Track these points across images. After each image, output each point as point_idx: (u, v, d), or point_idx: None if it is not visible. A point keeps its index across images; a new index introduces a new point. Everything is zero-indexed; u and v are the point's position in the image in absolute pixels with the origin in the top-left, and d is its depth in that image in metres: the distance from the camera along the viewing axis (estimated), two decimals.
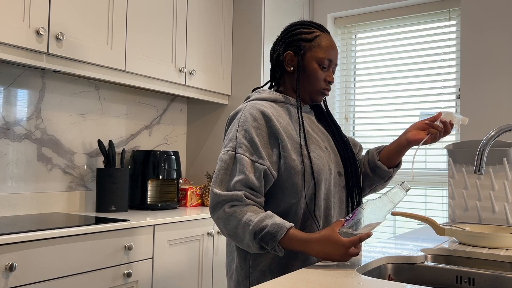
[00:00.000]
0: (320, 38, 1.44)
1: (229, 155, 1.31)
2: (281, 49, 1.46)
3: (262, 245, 1.23)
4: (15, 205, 2.25)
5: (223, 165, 1.31)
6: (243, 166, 1.28)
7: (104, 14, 2.27)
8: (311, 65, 1.42)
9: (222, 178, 1.30)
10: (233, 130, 1.36)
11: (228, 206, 1.26)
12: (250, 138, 1.31)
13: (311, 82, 1.43)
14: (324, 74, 1.43)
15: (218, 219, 1.29)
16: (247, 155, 1.30)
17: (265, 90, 1.48)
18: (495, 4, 2.79)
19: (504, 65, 2.75)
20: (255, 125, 1.33)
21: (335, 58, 1.46)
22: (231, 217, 1.25)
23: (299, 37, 1.44)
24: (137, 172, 2.69)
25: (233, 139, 1.33)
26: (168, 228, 2.27)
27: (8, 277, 1.63)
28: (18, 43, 1.91)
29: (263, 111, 1.35)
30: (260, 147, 1.31)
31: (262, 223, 1.22)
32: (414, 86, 3.11)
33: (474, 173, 1.45)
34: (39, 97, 2.37)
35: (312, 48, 1.43)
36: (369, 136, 3.28)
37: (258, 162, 1.29)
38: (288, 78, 1.47)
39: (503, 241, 1.52)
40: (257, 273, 1.33)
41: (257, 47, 2.97)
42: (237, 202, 1.26)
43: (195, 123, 3.22)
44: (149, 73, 2.50)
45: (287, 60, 1.45)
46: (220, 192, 1.27)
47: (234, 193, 1.26)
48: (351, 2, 3.27)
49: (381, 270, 1.36)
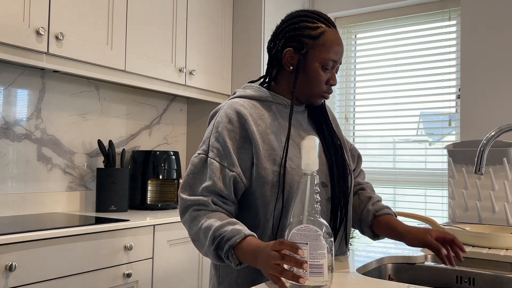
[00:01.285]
0: (326, 35, 1.26)
1: (199, 159, 1.23)
2: (280, 44, 1.29)
3: (218, 253, 1.12)
4: (15, 205, 2.24)
5: (193, 169, 1.23)
6: (212, 172, 1.20)
7: (104, 14, 2.27)
8: (313, 66, 1.26)
9: (191, 182, 1.23)
10: (208, 132, 1.27)
11: (193, 210, 1.19)
12: (223, 141, 1.22)
13: (311, 84, 1.28)
14: (326, 76, 1.27)
15: (185, 223, 1.22)
16: (217, 159, 1.21)
17: (251, 86, 1.34)
18: (495, 4, 2.78)
19: (504, 65, 2.75)
20: (229, 127, 1.23)
21: (340, 57, 1.29)
22: (195, 221, 1.17)
23: (302, 32, 1.27)
24: (137, 172, 2.69)
25: (206, 142, 1.25)
26: (168, 228, 2.27)
27: (8, 277, 1.62)
28: (18, 43, 1.91)
29: (240, 112, 1.24)
30: (232, 152, 1.21)
31: (223, 228, 1.11)
32: (414, 86, 3.11)
33: (474, 173, 1.45)
34: (39, 97, 2.37)
35: (316, 47, 1.25)
36: (369, 136, 3.28)
37: (229, 168, 1.20)
38: (285, 76, 1.31)
39: (503, 241, 1.52)
40: (226, 284, 1.27)
41: (257, 47, 2.97)
42: (202, 207, 1.18)
43: (195, 123, 3.22)
44: (149, 73, 2.50)
45: (286, 58, 1.28)
46: (187, 197, 1.21)
47: (200, 198, 1.19)
48: (351, 2, 3.27)
49: (381, 270, 1.36)
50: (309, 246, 0.91)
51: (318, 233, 0.91)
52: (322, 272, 0.91)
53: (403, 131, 3.16)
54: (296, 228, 0.93)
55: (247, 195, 1.24)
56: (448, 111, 3.00)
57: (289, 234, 0.93)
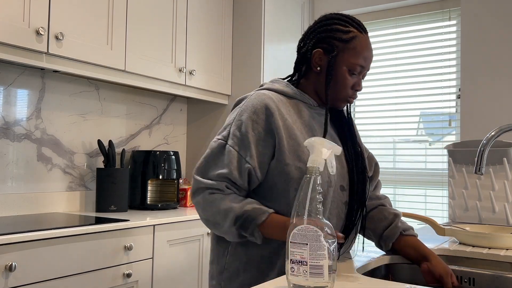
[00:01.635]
0: (357, 40, 1.26)
1: (218, 144, 1.24)
2: (310, 44, 1.30)
3: (241, 232, 1.18)
4: (15, 205, 2.24)
5: (210, 153, 1.25)
6: (229, 160, 1.21)
7: (104, 14, 2.27)
8: (340, 69, 1.26)
9: (206, 166, 1.24)
10: (231, 118, 1.28)
11: (208, 193, 1.21)
12: (245, 131, 1.22)
13: (337, 88, 1.27)
14: (352, 81, 1.28)
15: (197, 204, 1.25)
16: (236, 148, 1.22)
17: (280, 81, 1.35)
18: (495, 4, 2.78)
19: (504, 65, 2.75)
20: (254, 118, 1.23)
21: (369, 64, 1.29)
22: (211, 204, 1.21)
23: (333, 35, 1.27)
24: (137, 172, 2.69)
25: (227, 128, 1.26)
26: (168, 228, 2.27)
27: (8, 277, 1.62)
28: (18, 43, 1.91)
29: (267, 104, 1.23)
30: (252, 143, 1.21)
31: (243, 208, 1.17)
32: (414, 86, 3.11)
33: (474, 173, 1.45)
34: (39, 97, 2.37)
35: (346, 51, 1.26)
36: (369, 136, 3.28)
37: (246, 159, 1.21)
38: (312, 76, 1.32)
39: (503, 241, 1.52)
40: (231, 270, 1.28)
41: (257, 47, 2.97)
42: (217, 191, 1.21)
43: (195, 123, 3.22)
44: (149, 73, 2.50)
45: (315, 58, 1.29)
46: (201, 179, 1.23)
47: (216, 182, 1.21)
48: (351, 2, 3.27)
49: (381, 270, 1.35)
50: (309, 246, 0.91)
51: (318, 234, 0.91)
52: (323, 273, 0.91)
53: (403, 131, 3.16)
54: (296, 228, 0.92)
55: (266, 189, 1.25)
56: (448, 111, 3.00)
57: (289, 234, 0.93)
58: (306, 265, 0.91)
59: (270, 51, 3.02)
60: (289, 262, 0.93)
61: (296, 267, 0.91)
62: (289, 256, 0.93)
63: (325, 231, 0.92)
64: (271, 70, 3.02)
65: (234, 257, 1.28)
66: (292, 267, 0.92)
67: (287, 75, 1.40)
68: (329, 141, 0.99)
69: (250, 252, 1.25)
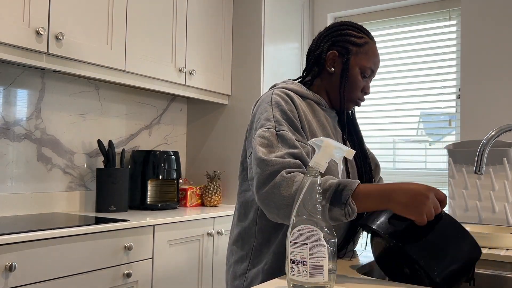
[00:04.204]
0: (369, 46, 1.36)
1: (270, 132, 1.19)
2: (325, 46, 1.36)
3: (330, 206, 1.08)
4: (15, 205, 2.24)
5: (265, 141, 1.18)
6: (292, 141, 1.18)
7: (104, 14, 2.27)
8: (353, 71, 1.34)
9: (268, 150, 1.17)
10: (267, 111, 1.25)
11: (286, 172, 1.12)
12: (289, 118, 1.23)
13: (349, 88, 1.35)
14: (363, 83, 1.36)
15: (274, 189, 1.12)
16: (290, 133, 1.20)
17: (293, 82, 1.39)
18: (495, 4, 2.78)
19: (504, 65, 2.75)
20: (289, 108, 1.25)
21: (377, 69, 1.38)
22: (293, 182, 1.10)
23: (348, 39, 1.35)
24: (137, 172, 2.69)
25: (270, 119, 1.22)
26: (168, 228, 2.27)
27: (8, 277, 1.62)
28: (18, 43, 1.91)
29: (293, 98, 1.27)
30: (300, 128, 1.23)
31: (327, 182, 1.09)
32: (414, 86, 3.11)
33: (474, 173, 1.45)
34: (38, 97, 2.37)
35: (359, 54, 1.34)
36: (369, 136, 3.28)
37: (302, 142, 1.21)
38: (324, 77, 1.38)
39: (503, 241, 1.52)
40: (255, 271, 1.31)
41: (257, 47, 2.97)
42: (294, 169, 1.13)
43: (195, 123, 3.22)
44: (149, 73, 2.50)
45: (329, 59, 1.36)
46: (274, 159, 1.13)
47: (290, 160, 1.14)
48: (351, 2, 3.27)
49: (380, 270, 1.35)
50: (309, 246, 0.91)
51: (318, 234, 0.91)
52: (323, 273, 0.91)
53: (403, 131, 3.16)
54: (296, 228, 0.93)
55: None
56: (448, 111, 3.00)
57: (290, 234, 0.93)
58: (306, 265, 0.91)
59: (270, 51, 3.02)
60: (289, 262, 0.93)
61: (296, 267, 0.91)
62: (289, 256, 0.93)
63: (325, 231, 0.92)
64: (271, 70, 3.02)
65: (259, 258, 1.30)
66: (292, 267, 0.92)
67: (298, 77, 1.44)
68: (340, 144, 0.99)
69: (274, 250, 1.26)
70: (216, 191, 2.91)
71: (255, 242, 1.31)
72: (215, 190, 2.91)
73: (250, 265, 1.32)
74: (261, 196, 1.14)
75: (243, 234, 1.34)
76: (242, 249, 1.35)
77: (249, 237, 1.32)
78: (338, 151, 0.97)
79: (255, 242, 1.31)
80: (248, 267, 1.32)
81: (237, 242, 1.36)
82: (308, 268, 0.91)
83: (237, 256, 1.35)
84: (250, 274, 1.31)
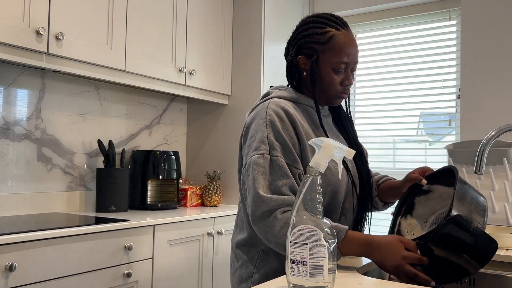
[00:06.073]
0: (335, 39, 1.31)
1: (265, 158, 1.21)
2: (293, 52, 1.36)
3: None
4: (15, 205, 2.24)
5: (261, 169, 1.21)
6: (285, 170, 1.20)
7: (104, 14, 2.27)
8: (325, 71, 1.31)
9: (264, 182, 1.19)
10: (261, 131, 1.25)
11: (280, 212, 1.16)
12: (283, 139, 1.23)
13: (326, 88, 1.33)
14: (340, 78, 1.32)
15: (267, 227, 1.17)
16: (282, 158, 1.22)
17: (286, 88, 1.39)
18: (495, 4, 2.78)
19: (504, 65, 2.75)
20: (283, 126, 1.25)
21: (353, 58, 1.33)
22: (286, 223, 1.14)
23: (311, 39, 1.32)
24: (137, 172, 2.69)
25: (265, 141, 1.23)
26: (168, 228, 2.27)
27: (8, 277, 1.62)
28: (18, 43, 1.91)
29: (288, 111, 1.27)
30: (292, 149, 1.24)
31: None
32: (414, 86, 3.11)
33: (474, 173, 1.45)
34: (39, 97, 2.37)
35: (326, 52, 1.30)
36: (369, 136, 3.28)
37: (293, 165, 1.22)
38: (305, 81, 1.37)
39: (503, 241, 1.52)
40: (261, 274, 1.32)
41: (257, 47, 2.97)
42: (288, 208, 1.16)
43: (195, 123, 3.22)
44: (149, 73, 2.50)
45: (300, 65, 1.35)
46: (270, 196, 1.17)
47: (286, 197, 1.17)
48: (351, 2, 3.27)
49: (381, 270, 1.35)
50: (309, 246, 0.91)
51: (318, 234, 0.91)
52: (323, 273, 0.91)
53: (403, 131, 3.16)
54: (296, 228, 0.93)
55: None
56: (448, 111, 3.00)
57: (290, 234, 0.93)
58: (306, 265, 0.91)
59: (270, 51, 3.02)
60: (289, 262, 0.93)
61: (296, 267, 0.91)
62: (289, 256, 0.93)
63: (325, 231, 0.92)
64: (271, 70, 3.02)
65: (265, 262, 1.31)
66: (292, 267, 0.92)
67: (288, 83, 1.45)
68: (340, 144, 0.99)
69: (280, 255, 1.25)
70: (216, 191, 2.91)
71: (262, 247, 1.32)
72: (215, 190, 2.91)
73: (256, 268, 1.33)
74: (255, 229, 1.22)
75: (249, 239, 1.35)
76: (248, 253, 1.35)
77: (256, 242, 1.33)
78: (338, 151, 0.97)
79: (262, 247, 1.32)
80: (254, 270, 1.33)
81: (243, 246, 1.37)
82: (308, 268, 0.91)
83: (243, 260, 1.36)
84: (256, 277, 1.32)
